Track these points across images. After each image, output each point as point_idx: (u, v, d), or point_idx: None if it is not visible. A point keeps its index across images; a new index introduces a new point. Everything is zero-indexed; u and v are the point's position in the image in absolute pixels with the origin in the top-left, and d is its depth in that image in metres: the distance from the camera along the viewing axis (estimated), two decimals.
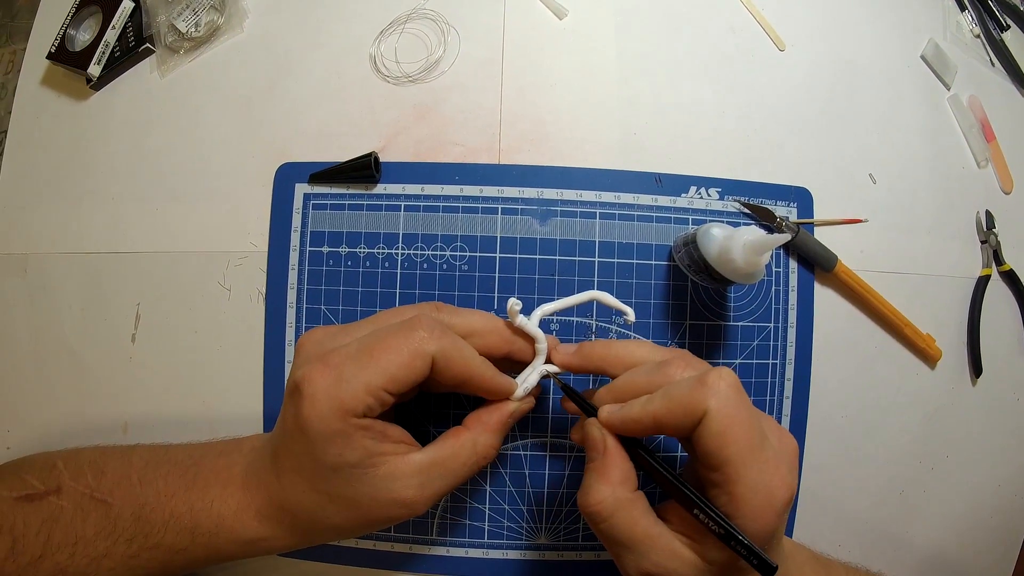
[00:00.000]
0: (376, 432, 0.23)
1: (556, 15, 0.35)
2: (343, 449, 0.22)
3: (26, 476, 0.25)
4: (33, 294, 0.35)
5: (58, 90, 0.37)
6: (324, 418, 0.21)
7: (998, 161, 0.39)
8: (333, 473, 0.22)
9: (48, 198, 0.35)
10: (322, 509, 0.23)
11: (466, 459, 0.24)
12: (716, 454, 0.20)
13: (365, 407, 0.22)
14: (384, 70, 0.34)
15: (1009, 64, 0.42)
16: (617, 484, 0.22)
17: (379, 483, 0.23)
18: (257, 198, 0.34)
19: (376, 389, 0.22)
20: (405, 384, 0.22)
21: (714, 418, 0.20)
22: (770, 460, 0.21)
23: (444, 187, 0.33)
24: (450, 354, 0.23)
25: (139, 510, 0.24)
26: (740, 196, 0.34)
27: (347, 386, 0.21)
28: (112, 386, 0.34)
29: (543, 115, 0.34)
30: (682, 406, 0.21)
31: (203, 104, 0.35)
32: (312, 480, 0.23)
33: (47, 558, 0.23)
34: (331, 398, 0.21)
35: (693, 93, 0.35)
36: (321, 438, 0.22)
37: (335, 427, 0.21)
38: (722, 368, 0.21)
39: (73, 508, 0.24)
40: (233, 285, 0.33)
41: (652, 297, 0.33)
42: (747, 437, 0.20)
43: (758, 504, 0.20)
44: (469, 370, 0.24)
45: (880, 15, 0.39)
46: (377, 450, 0.22)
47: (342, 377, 0.22)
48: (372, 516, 0.23)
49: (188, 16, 0.35)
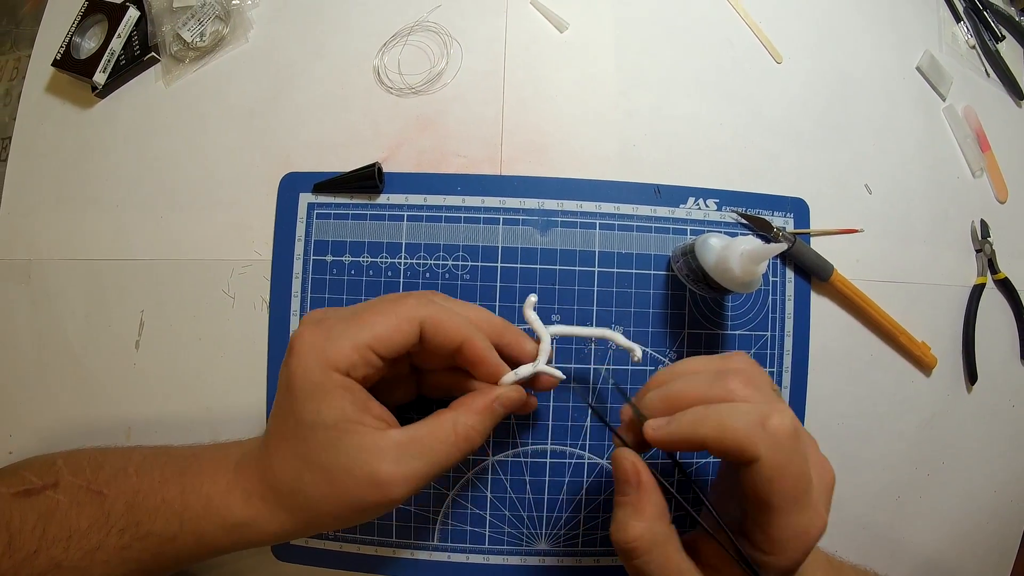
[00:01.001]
0: (357, 398, 0.23)
1: (557, 28, 0.35)
2: (321, 405, 0.22)
3: (24, 473, 0.26)
4: (36, 300, 0.35)
5: (63, 97, 0.37)
6: (308, 370, 0.22)
7: (993, 171, 0.40)
8: (310, 433, 0.22)
9: (52, 204, 0.36)
10: (300, 478, 0.23)
11: (445, 437, 0.23)
12: (761, 499, 0.20)
13: (349, 363, 0.22)
14: (387, 81, 0.35)
15: (1004, 75, 0.42)
16: (653, 519, 0.22)
17: (353, 453, 0.22)
18: (261, 207, 0.34)
19: (361, 346, 0.22)
20: (392, 346, 0.23)
21: (766, 465, 0.19)
22: (812, 505, 0.20)
23: (446, 197, 0.33)
24: (439, 318, 0.23)
25: (132, 498, 0.24)
26: (738, 207, 0.34)
27: (333, 342, 0.22)
28: (115, 392, 0.34)
29: (544, 126, 0.34)
30: (736, 443, 0.20)
31: (208, 113, 0.35)
32: (293, 443, 0.23)
33: (42, 552, 0.23)
34: (316, 351, 0.22)
35: (691, 105, 0.35)
36: (303, 392, 0.22)
37: (317, 379, 0.22)
38: (785, 410, 0.20)
39: (69, 501, 0.24)
40: (237, 293, 0.34)
41: (651, 306, 0.33)
42: (795, 487, 0.20)
43: (792, 545, 0.20)
44: (461, 332, 0.23)
45: (876, 27, 0.39)
46: (355, 416, 0.22)
47: (330, 335, 0.23)
48: (347, 494, 0.22)
49: (193, 26, 0.36)
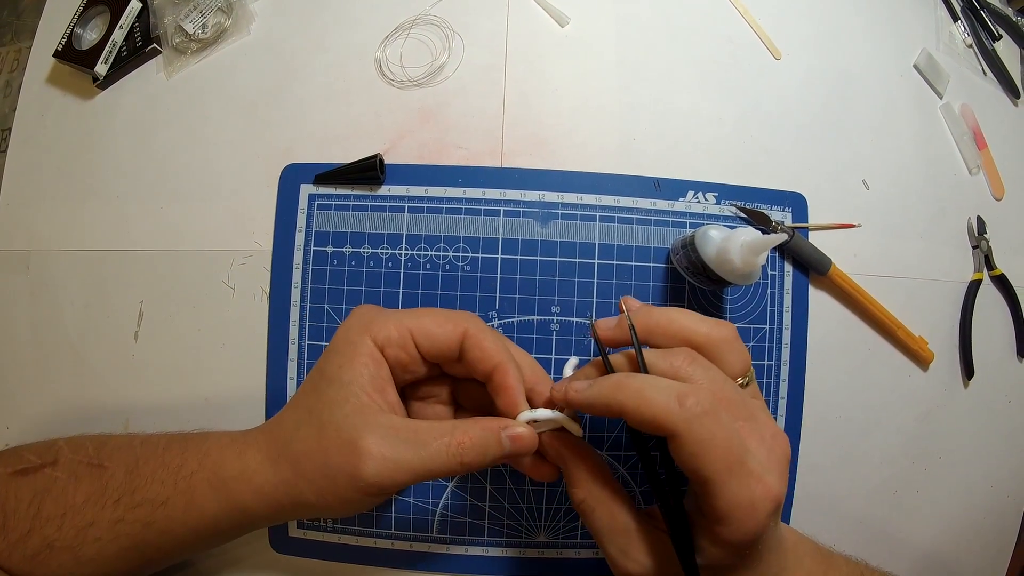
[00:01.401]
0: (379, 374, 0.24)
1: (558, 22, 0.36)
2: (344, 361, 0.24)
3: (24, 452, 0.26)
4: (35, 290, 0.35)
5: (64, 88, 0.37)
6: (348, 330, 0.24)
7: (989, 168, 0.40)
8: (326, 385, 0.24)
9: (52, 195, 0.36)
10: (297, 427, 0.24)
11: (439, 435, 0.23)
12: (693, 472, 0.20)
13: (386, 335, 0.24)
14: (389, 74, 0.35)
15: (1001, 73, 0.42)
16: (590, 484, 0.23)
17: (349, 417, 0.23)
18: (262, 198, 0.34)
19: (403, 328, 0.24)
20: (432, 339, 0.24)
21: (687, 441, 0.20)
22: (752, 473, 0.20)
23: (447, 189, 0.33)
24: (482, 335, 0.24)
25: (133, 464, 0.25)
26: (736, 200, 0.34)
27: (381, 317, 0.25)
28: (114, 383, 0.34)
29: (545, 120, 0.35)
30: (652, 416, 0.20)
31: (209, 105, 0.36)
32: (307, 393, 0.24)
33: (35, 532, 0.23)
34: (364, 319, 0.25)
35: (691, 100, 0.36)
36: (335, 347, 0.24)
37: (352, 338, 0.24)
38: (700, 389, 0.20)
39: (67, 477, 0.24)
40: (237, 284, 0.34)
41: (650, 298, 0.33)
42: (724, 457, 0.20)
43: (739, 516, 0.20)
44: (498, 356, 0.24)
45: (874, 25, 0.39)
46: (369, 387, 0.23)
47: (381, 313, 0.25)
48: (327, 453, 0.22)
49: (195, 18, 0.36)
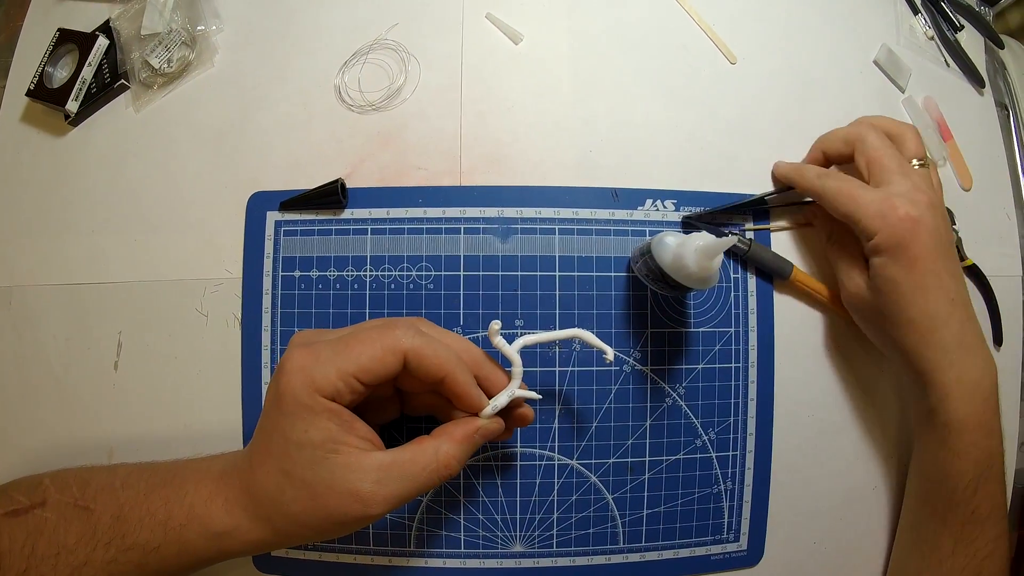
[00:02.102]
0: (343, 420, 0.24)
1: (512, 40, 0.36)
2: (308, 426, 0.23)
3: (12, 493, 0.26)
4: (18, 325, 0.36)
5: (37, 126, 0.38)
6: (296, 393, 0.24)
7: (956, 159, 0.40)
8: (297, 451, 0.24)
9: (30, 231, 0.37)
10: (282, 492, 0.24)
11: (426, 464, 0.25)
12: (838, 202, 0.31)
13: (334, 390, 0.24)
14: (348, 99, 0.36)
15: (964, 63, 0.42)
16: None
17: (337, 471, 0.23)
18: (230, 226, 0.35)
19: (346, 375, 0.24)
20: (375, 375, 0.24)
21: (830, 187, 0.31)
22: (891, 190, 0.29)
23: (408, 210, 0.34)
24: (423, 351, 0.24)
25: (119, 511, 0.25)
26: (696, 207, 0.35)
27: (321, 367, 0.24)
28: (97, 412, 0.35)
29: (502, 137, 0.35)
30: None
31: (177, 137, 0.36)
32: (278, 458, 0.24)
33: (31, 571, 0.24)
34: (304, 375, 0.24)
35: (647, 109, 0.36)
36: (292, 412, 0.24)
37: (305, 402, 0.23)
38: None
39: (57, 518, 0.25)
40: (210, 311, 0.35)
41: (613, 307, 0.34)
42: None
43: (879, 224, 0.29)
44: (443, 368, 0.25)
45: (831, 23, 0.40)
46: (341, 438, 0.24)
47: (318, 360, 0.24)
48: (328, 508, 0.23)
49: (161, 52, 0.37)
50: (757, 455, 0.35)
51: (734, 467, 0.34)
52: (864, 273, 0.31)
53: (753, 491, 0.35)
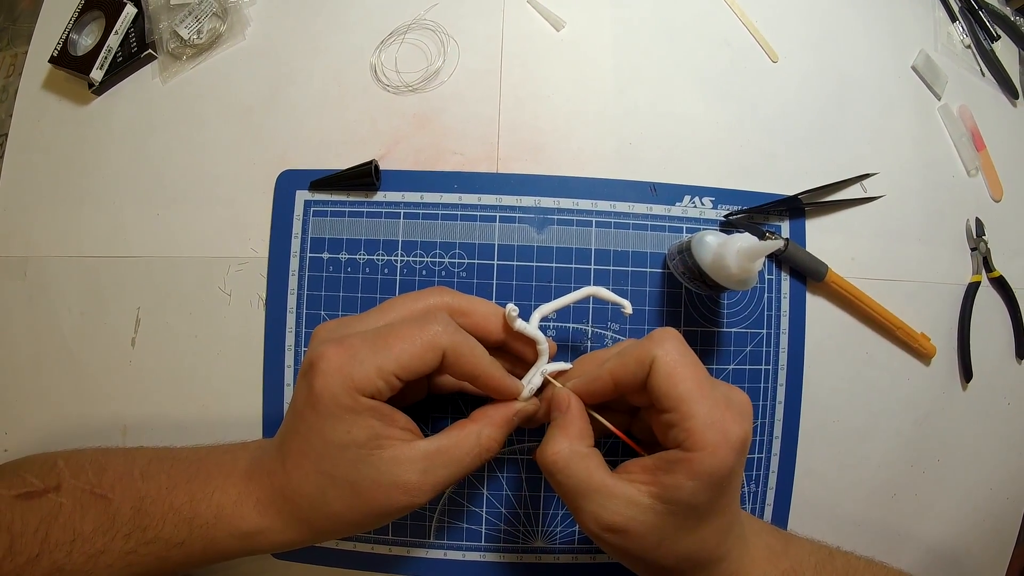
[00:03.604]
0: (384, 415, 0.23)
1: (554, 26, 0.36)
2: (351, 427, 0.22)
3: (25, 474, 0.25)
4: (33, 297, 0.35)
5: (60, 94, 0.37)
6: (335, 394, 0.22)
7: (988, 169, 0.40)
8: (339, 452, 0.23)
9: (49, 201, 0.36)
10: (323, 494, 0.23)
11: (470, 449, 0.24)
12: (668, 393, 0.22)
13: (375, 388, 0.22)
14: (384, 79, 0.35)
15: (999, 74, 0.42)
16: (575, 438, 0.24)
17: (383, 466, 0.23)
18: (258, 204, 0.34)
19: (387, 373, 0.23)
20: (415, 373, 0.23)
21: (662, 361, 0.22)
22: (721, 400, 0.22)
23: (443, 195, 0.33)
24: (461, 350, 0.24)
25: (139, 503, 0.24)
26: (733, 205, 0.34)
27: (360, 366, 0.22)
28: (111, 389, 0.34)
29: (540, 125, 0.34)
30: (633, 358, 0.23)
31: (204, 111, 0.35)
32: (317, 460, 0.23)
33: (44, 556, 0.23)
34: (343, 375, 0.22)
35: (688, 104, 0.36)
36: (331, 414, 0.22)
37: (345, 403, 0.22)
38: (666, 327, 0.25)
39: (72, 504, 0.24)
40: (234, 290, 0.34)
41: (647, 304, 0.33)
42: (695, 376, 0.22)
43: (713, 439, 0.21)
44: (479, 367, 0.24)
45: (872, 27, 0.39)
46: (384, 432, 0.23)
47: (356, 358, 0.22)
48: (373, 502, 0.23)
49: (191, 23, 0.36)
50: (781, 458, 0.34)
51: (758, 470, 0.34)
52: None
53: (776, 494, 0.34)
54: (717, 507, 0.23)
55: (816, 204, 0.35)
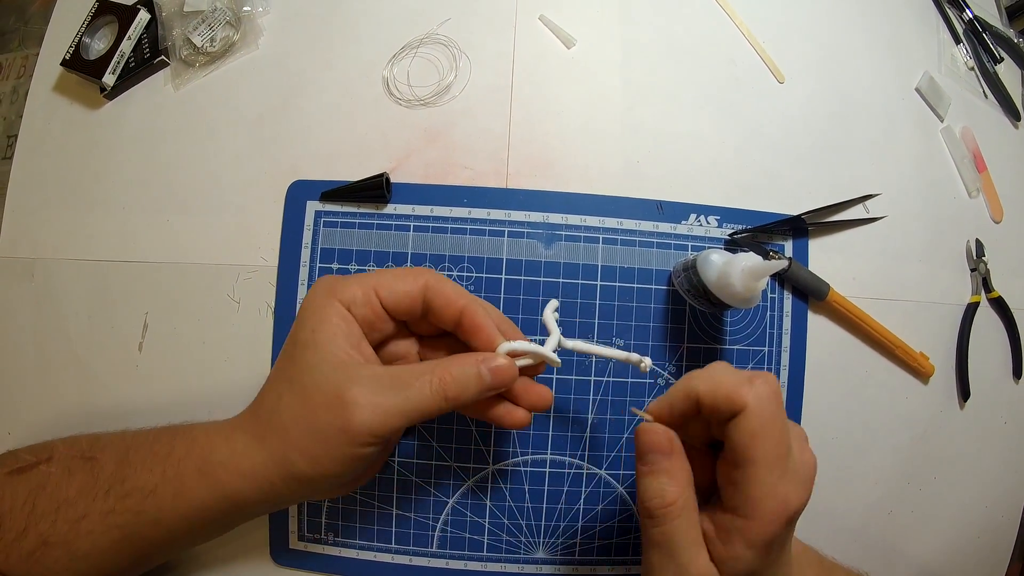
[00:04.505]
0: (352, 331, 0.24)
1: (565, 44, 0.36)
2: (317, 325, 0.24)
3: (19, 452, 0.26)
4: (40, 299, 0.35)
5: (71, 97, 0.37)
6: (314, 296, 0.25)
7: (989, 191, 0.40)
8: (301, 351, 0.24)
9: (57, 204, 0.36)
10: (279, 398, 0.24)
11: (419, 375, 0.23)
12: (744, 452, 0.21)
13: (351, 295, 0.24)
14: (396, 93, 0.35)
15: (1002, 96, 0.43)
16: (687, 485, 0.22)
17: (331, 374, 0.23)
18: (268, 213, 0.34)
19: (367, 286, 0.24)
20: (395, 294, 0.25)
21: (751, 415, 0.21)
22: (790, 471, 0.21)
23: (453, 209, 0.34)
24: (443, 285, 0.25)
25: (123, 454, 0.25)
26: (737, 224, 0.35)
27: (344, 280, 0.25)
28: (117, 394, 0.34)
29: (550, 141, 0.35)
30: (725, 393, 0.21)
31: (216, 118, 0.36)
32: (283, 366, 0.25)
33: (31, 529, 0.23)
34: (326, 285, 0.25)
35: (694, 123, 0.36)
36: (304, 314, 0.24)
37: (319, 303, 0.24)
38: (769, 373, 0.23)
39: (60, 471, 0.25)
40: (242, 298, 0.34)
41: (651, 320, 0.33)
42: (776, 444, 0.21)
43: (770, 509, 0.21)
44: (461, 300, 0.25)
45: (877, 48, 0.40)
46: (345, 346, 0.24)
47: (343, 277, 0.25)
48: (314, 413, 0.22)
49: (204, 31, 0.36)
50: None
51: None
52: None
53: None
54: (769, 565, 0.22)
55: (819, 224, 0.36)
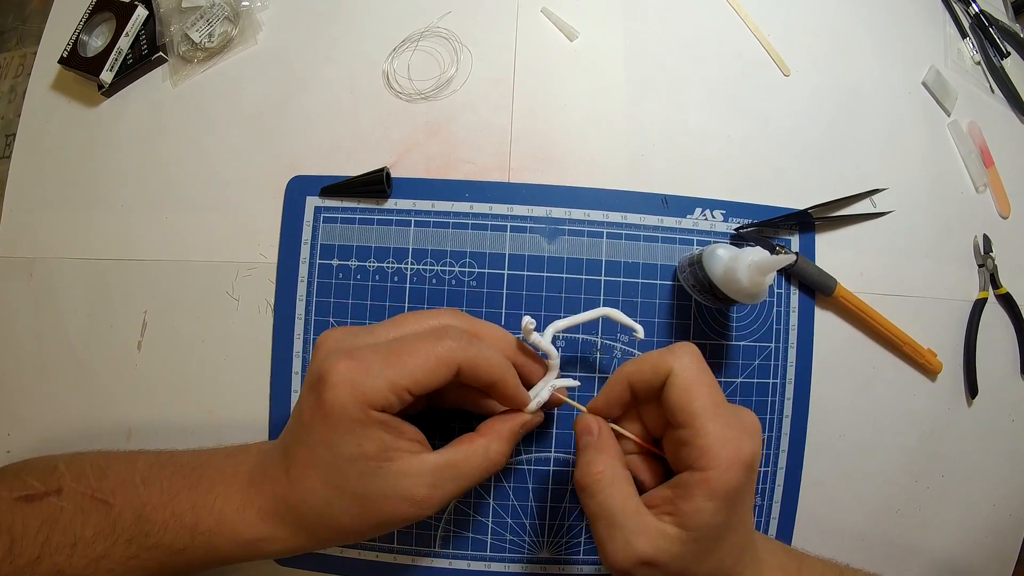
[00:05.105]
0: (393, 428, 0.23)
1: (567, 37, 0.36)
2: (361, 439, 0.22)
3: (26, 477, 0.25)
4: (38, 298, 0.35)
5: (68, 95, 0.37)
6: (346, 407, 0.22)
7: (996, 186, 0.40)
8: (348, 464, 0.22)
9: (56, 203, 0.35)
10: (330, 505, 0.23)
11: (478, 463, 0.25)
12: (683, 408, 0.22)
13: (386, 402, 0.22)
14: (397, 87, 0.35)
15: (1008, 91, 0.42)
16: (613, 459, 0.24)
17: (392, 479, 0.23)
18: (267, 210, 0.34)
19: (399, 388, 0.22)
20: (427, 388, 0.23)
21: (679, 375, 0.23)
22: (732, 419, 0.23)
23: (454, 204, 0.33)
24: (476, 363, 0.24)
25: (140, 509, 0.24)
26: (743, 218, 0.34)
27: (372, 380, 0.22)
28: (116, 393, 0.34)
29: (553, 135, 0.34)
30: (651, 365, 0.24)
31: (215, 115, 0.35)
32: (324, 473, 0.23)
33: (45, 559, 0.23)
34: (355, 388, 0.22)
35: (700, 116, 0.36)
36: (341, 426, 0.22)
37: (356, 416, 0.22)
38: (686, 341, 0.26)
39: (73, 508, 0.24)
40: (242, 295, 0.34)
41: (656, 316, 0.33)
42: (710, 393, 0.23)
43: (726, 455, 0.22)
44: (495, 376, 0.24)
45: (883, 42, 0.39)
46: (394, 445, 0.23)
47: (368, 371, 0.22)
48: (381, 514, 0.23)
49: (202, 26, 0.36)
50: (787, 472, 0.34)
51: (764, 483, 0.34)
52: None
53: (781, 507, 0.34)
54: (732, 525, 0.23)
55: (826, 219, 0.35)
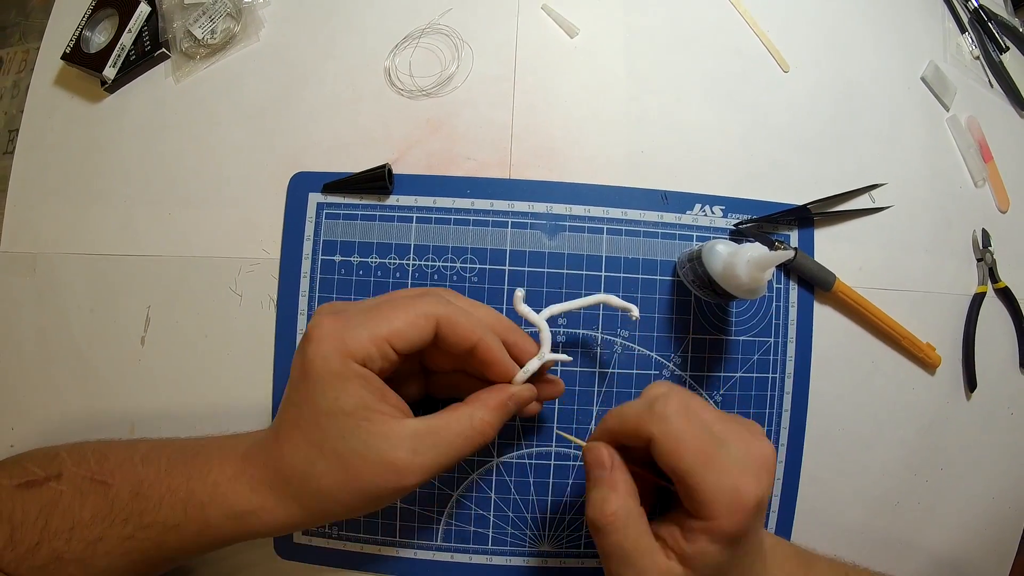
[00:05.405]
0: (374, 388, 0.23)
1: (568, 33, 0.36)
2: (339, 393, 0.22)
3: (27, 464, 0.26)
4: (42, 293, 0.35)
5: (71, 91, 0.37)
6: (326, 358, 0.22)
7: (995, 181, 0.40)
8: (327, 420, 0.22)
9: (59, 198, 0.36)
10: (312, 466, 0.23)
11: (461, 430, 0.24)
12: (673, 468, 0.22)
13: (366, 353, 0.23)
14: (398, 83, 0.35)
15: (1007, 85, 0.42)
16: (627, 496, 0.23)
17: (370, 440, 0.22)
18: (270, 206, 0.34)
19: (379, 339, 0.23)
20: (409, 341, 0.23)
21: (660, 441, 0.22)
22: (730, 465, 0.22)
23: (455, 200, 0.33)
24: (455, 318, 0.24)
25: (137, 487, 0.24)
26: (742, 214, 0.34)
27: (352, 332, 0.23)
28: (119, 388, 0.34)
29: (553, 131, 0.35)
30: (632, 428, 0.23)
31: (217, 111, 0.35)
32: (306, 430, 0.23)
33: (44, 544, 0.23)
34: (335, 340, 0.23)
35: (699, 112, 0.36)
36: (320, 378, 0.23)
37: (335, 367, 0.22)
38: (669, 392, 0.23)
39: (72, 492, 0.24)
40: (244, 291, 0.34)
41: (656, 311, 0.33)
42: (699, 446, 0.22)
43: (724, 505, 0.21)
44: (475, 334, 0.24)
45: (882, 37, 0.39)
46: (373, 405, 0.23)
47: (349, 324, 0.23)
48: (361, 479, 0.22)
49: (204, 23, 0.36)
50: (787, 466, 0.35)
51: None
52: None
53: (781, 501, 0.35)
54: (739, 554, 0.23)
55: (825, 214, 0.36)
